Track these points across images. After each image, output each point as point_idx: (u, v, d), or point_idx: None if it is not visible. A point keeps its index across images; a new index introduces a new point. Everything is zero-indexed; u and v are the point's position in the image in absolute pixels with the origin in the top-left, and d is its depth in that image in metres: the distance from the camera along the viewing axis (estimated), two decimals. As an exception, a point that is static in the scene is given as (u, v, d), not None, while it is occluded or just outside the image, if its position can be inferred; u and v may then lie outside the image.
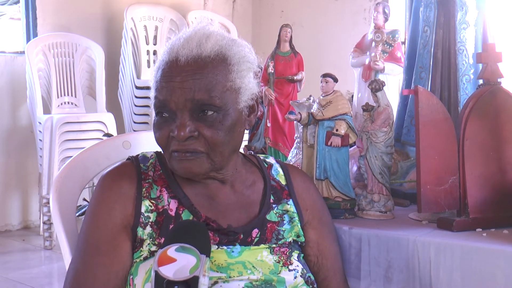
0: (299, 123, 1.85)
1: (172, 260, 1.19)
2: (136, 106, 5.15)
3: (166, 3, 5.68)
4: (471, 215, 1.57)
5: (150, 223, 1.40)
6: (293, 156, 2.10)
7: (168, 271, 1.17)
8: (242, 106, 1.43)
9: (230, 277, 1.36)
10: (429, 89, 1.92)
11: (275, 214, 1.50)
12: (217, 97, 1.37)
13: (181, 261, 1.19)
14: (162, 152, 1.53)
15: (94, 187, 1.47)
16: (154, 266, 1.19)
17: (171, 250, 1.21)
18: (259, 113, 1.54)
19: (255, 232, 1.45)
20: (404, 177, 2.02)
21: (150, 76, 1.48)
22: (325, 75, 1.78)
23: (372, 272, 1.58)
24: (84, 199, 3.99)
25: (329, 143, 1.73)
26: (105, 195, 1.43)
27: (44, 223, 4.44)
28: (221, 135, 1.39)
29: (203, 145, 1.38)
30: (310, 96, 2.02)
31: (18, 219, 5.01)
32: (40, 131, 4.63)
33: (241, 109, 1.43)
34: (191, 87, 1.36)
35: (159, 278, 1.17)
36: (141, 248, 1.39)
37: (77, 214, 1.67)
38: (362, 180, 1.82)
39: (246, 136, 2.59)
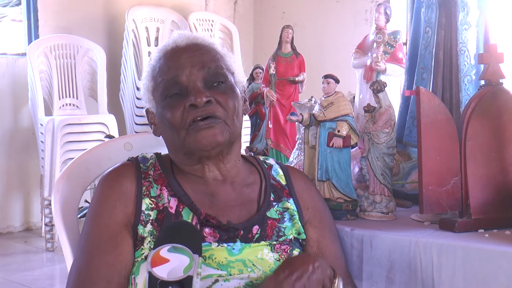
0: (300, 124, 1.85)
1: (165, 261, 1.20)
2: (137, 107, 5.15)
3: (167, 5, 5.68)
4: (473, 216, 1.57)
5: (150, 221, 1.41)
6: (294, 157, 2.10)
7: (161, 272, 1.18)
8: (239, 89, 1.52)
9: (230, 275, 1.37)
10: (430, 90, 1.91)
11: (276, 211, 1.51)
12: (222, 67, 1.48)
13: (174, 261, 1.20)
14: (162, 153, 1.55)
15: (95, 188, 1.48)
16: (147, 267, 1.19)
17: (164, 251, 1.21)
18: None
19: (255, 228, 1.46)
20: (406, 178, 2.02)
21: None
22: (326, 76, 1.78)
23: (374, 273, 1.57)
24: (86, 201, 3.99)
25: (330, 144, 1.73)
26: (106, 194, 1.44)
27: (46, 224, 4.44)
28: (234, 102, 1.47)
29: (220, 110, 1.44)
30: (312, 97, 2.02)
31: (20, 221, 5.01)
32: (41, 133, 4.63)
33: (240, 91, 1.52)
34: (199, 59, 1.46)
35: (152, 279, 1.18)
36: (142, 246, 1.39)
37: (78, 215, 1.67)
38: (364, 181, 1.82)
39: (247, 138, 2.59)
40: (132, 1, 5.45)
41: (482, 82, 1.72)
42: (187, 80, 1.43)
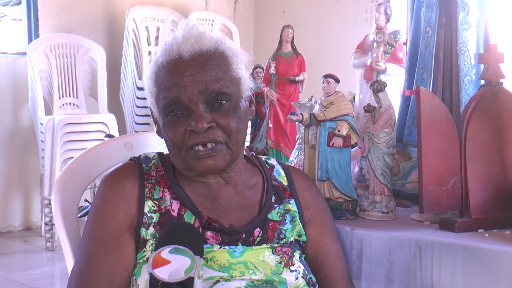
0: (301, 124, 1.85)
1: (167, 262, 1.20)
2: (137, 107, 5.15)
3: (167, 4, 5.68)
4: (473, 216, 1.57)
5: (153, 224, 1.41)
6: (294, 157, 2.10)
7: (163, 273, 1.18)
8: (245, 96, 1.48)
9: (232, 276, 1.37)
10: (431, 90, 1.91)
11: (277, 213, 1.50)
12: (226, 86, 1.42)
13: (175, 263, 1.19)
14: (164, 152, 1.54)
15: (97, 188, 1.48)
16: (148, 268, 1.19)
17: (165, 252, 1.21)
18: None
19: (257, 231, 1.45)
20: (406, 178, 2.02)
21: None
22: (327, 76, 1.78)
23: (373, 273, 1.57)
24: (86, 200, 3.99)
25: (331, 144, 1.73)
26: (109, 194, 1.44)
27: (46, 224, 4.44)
28: (236, 123, 1.43)
29: (221, 135, 1.41)
30: (312, 97, 2.02)
31: (20, 220, 5.01)
32: (41, 132, 4.63)
33: (245, 99, 1.48)
34: (202, 79, 1.40)
35: (153, 280, 1.18)
36: (144, 249, 1.39)
37: (79, 215, 1.67)
38: (364, 181, 1.82)
39: (247, 137, 2.59)
40: (133, 1, 5.45)
41: (482, 82, 1.72)
42: (189, 101, 1.40)
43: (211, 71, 1.41)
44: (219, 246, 1.40)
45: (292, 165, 2.00)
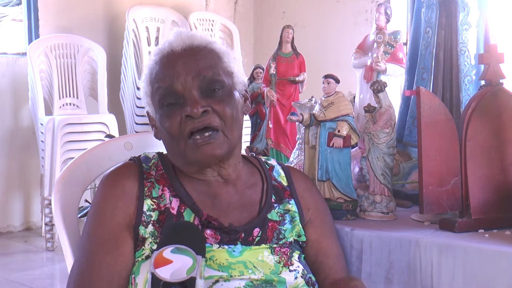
0: (301, 124, 1.85)
1: (168, 262, 1.19)
2: (138, 107, 5.15)
3: (168, 4, 5.68)
4: (473, 216, 1.57)
5: (152, 222, 1.41)
6: (295, 157, 2.10)
7: (164, 273, 1.18)
8: (238, 88, 1.50)
9: (231, 276, 1.37)
10: (431, 90, 1.92)
11: (277, 213, 1.50)
12: (219, 73, 1.45)
13: (177, 263, 1.19)
14: (164, 152, 1.55)
15: (96, 187, 1.48)
16: (150, 268, 1.19)
17: (167, 252, 1.21)
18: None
19: (256, 231, 1.45)
20: (406, 178, 2.02)
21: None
22: (327, 76, 1.78)
23: (373, 273, 1.57)
24: (86, 201, 3.99)
25: (331, 144, 1.73)
26: (108, 194, 1.44)
27: (46, 224, 4.44)
28: (231, 109, 1.44)
29: (217, 121, 1.42)
30: (312, 97, 2.02)
31: (20, 220, 5.01)
32: (42, 132, 4.63)
33: (239, 91, 1.50)
34: (194, 67, 1.43)
35: (155, 280, 1.18)
36: (143, 247, 1.39)
37: (79, 215, 1.67)
38: (364, 181, 1.82)
39: (247, 138, 2.59)
40: (133, 1, 5.45)
41: (482, 82, 1.72)
42: (183, 88, 1.41)
43: (203, 60, 1.44)
44: (218, 246, 1.41)
45: (292, 165, 2.00)
